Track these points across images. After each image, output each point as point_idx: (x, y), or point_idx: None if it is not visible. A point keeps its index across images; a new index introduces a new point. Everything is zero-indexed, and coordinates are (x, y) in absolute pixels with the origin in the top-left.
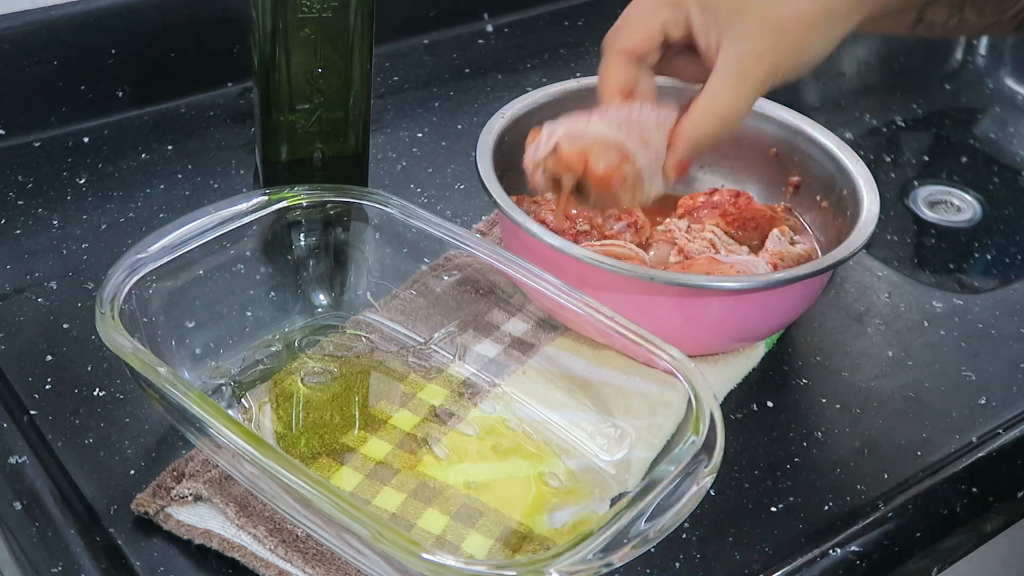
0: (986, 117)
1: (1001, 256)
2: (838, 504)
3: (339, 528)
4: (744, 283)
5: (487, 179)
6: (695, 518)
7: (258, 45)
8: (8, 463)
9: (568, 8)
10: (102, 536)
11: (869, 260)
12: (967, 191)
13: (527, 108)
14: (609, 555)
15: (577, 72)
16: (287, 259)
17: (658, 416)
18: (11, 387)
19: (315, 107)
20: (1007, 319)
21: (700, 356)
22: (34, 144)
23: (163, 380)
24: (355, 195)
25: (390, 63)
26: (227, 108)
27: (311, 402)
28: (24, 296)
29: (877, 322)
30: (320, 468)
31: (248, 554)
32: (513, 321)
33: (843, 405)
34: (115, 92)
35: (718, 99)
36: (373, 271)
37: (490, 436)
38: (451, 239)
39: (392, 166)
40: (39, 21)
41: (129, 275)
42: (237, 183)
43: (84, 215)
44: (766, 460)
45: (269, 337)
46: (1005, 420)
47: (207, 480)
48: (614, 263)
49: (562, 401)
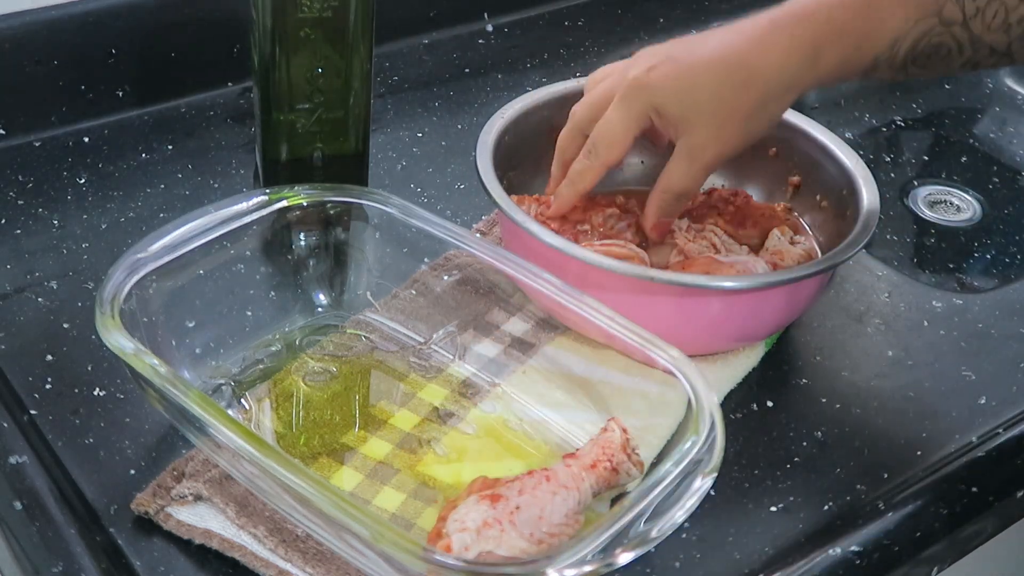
0: (986, 117)
1: (1001, 256)
2: (838, 504)
3: (339, 528)
4: (744, 283)
5: (487, 179)
6: (695, 518)
7: (258, 45)
8: (8, 463)
9: (568, 8)
10: (102, 536)
11: (869, 260)
12: (967, 191)
13: (527, 108)
14: (609, 555)
15: (577, 72)
16: (287, 259)
17: (658, 416)
18: (11, 387)
19: (315, 107)
20: (1007, 319)
21: (700, 356)
22: (34, 144)
23: (163, 380)
24: (355, 195)
25: (390, 63)
26: (227, 108)
27: (311, 402)
28: (24, 296)
29: (877, 322)
30: (320, 468)
31: (248, 554)
32: (513, 321)
33: (843, 405)
34: (115, 92)
35: (675, 178)
36: (373, 271)
37: (490, 436)
38: (451, 239)
39: (392, 166)
40: (39, 21)
41: (129, 275)
42: (237, 183)
43: (84, 215)
44: (766, 460)
45: (269, 337)
46: (1005, 420)
47: (207, 480)
48: (614, 263)
49: (562, 401)
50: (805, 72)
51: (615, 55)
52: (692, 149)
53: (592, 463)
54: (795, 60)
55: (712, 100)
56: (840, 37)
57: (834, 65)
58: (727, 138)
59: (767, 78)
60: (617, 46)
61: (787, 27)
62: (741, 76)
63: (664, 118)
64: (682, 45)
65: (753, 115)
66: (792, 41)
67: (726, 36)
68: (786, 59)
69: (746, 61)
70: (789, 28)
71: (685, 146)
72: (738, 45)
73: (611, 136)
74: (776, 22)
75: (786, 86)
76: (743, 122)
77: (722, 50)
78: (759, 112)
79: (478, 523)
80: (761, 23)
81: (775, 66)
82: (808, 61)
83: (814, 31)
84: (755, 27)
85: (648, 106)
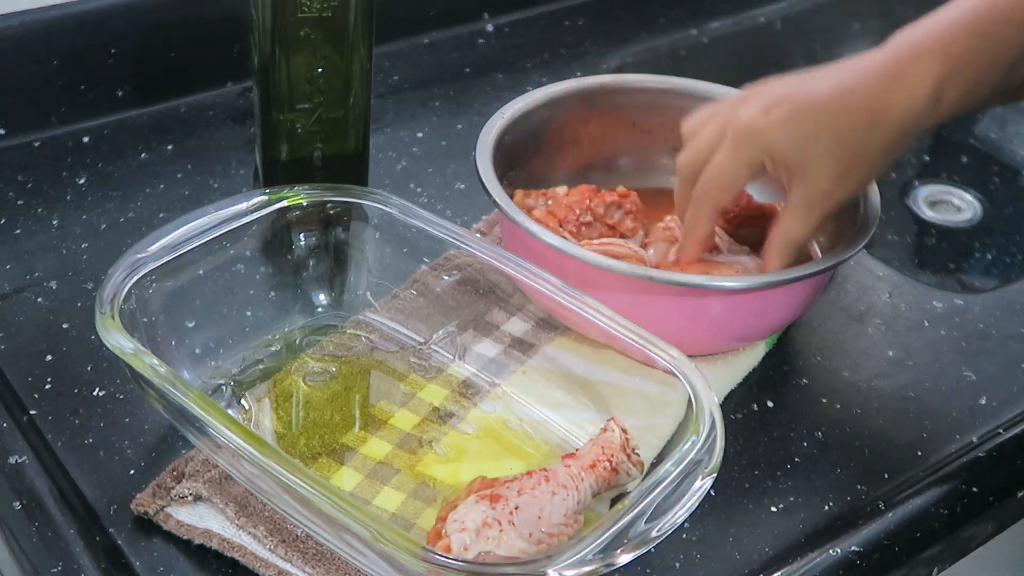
0: (986, 117)
1: (1001, 256)
2: (838, 504)
3: (339, 528)
4: (744, 283)
5: (487, 179)
6: (695, 518)
7: (258, 45)
8: (8, 463)
9: (568, 8)
10: (102, 536)
11: (869, 260)
12: (967, 191)
13: (527, 108)
14: (609, 555)
15: (577, 72)
16: (287, 259)
17: (658, 416)
18: (11, 387)
19: (315, 107)
20: (1007, 319)
21: (700, 356)
22: (34, 144)
23: (163, 380)
24: (355, 195)
25: (390, 63)
26: (227, 108)
27: (311, 402)
28: (24, 296)
29: (877, 322)
30: (320, 468)
31: (248, 554)
32: (513, 321)
33: (843, 405)
34: (115, 92)
35: (793, 229)
36: (373, 271)
37: (490, 436)
38: (451, 239)
39: (392, 166)
40: (39, 21)
41: (129, 275)
42: (237, 183)
43: (84, 215)
44: (766, 460)
45: (269, 337)
46: (1005, 420)
47: (207, 480)
48: (614, 263)
49: (562, 401)
50: (929, 112)
51: (615, 55)
52: (811, 197)
53: (592, 463)
54: (919, 102)
55: (835, 147)
56: (962, 73)
57: (956, 101)
58: (849, 185)
59: (892, 122)
60: (617, 46)
61: (907, 64)
62: (865, 121)
63: (780, 164)
64: (795, 85)
65: (878, 161)
66: (915, 81)
67: (842, 76)
68: (910, 102)
69: (869, 104)
70: (909, 65)
71: (803, 194)
72: (858, 87)
73: (721, 182)
74: (895, 60)
75: (910, 128)
76: (867, 169)
77: (842, 92)
78: (884, 157)
79: (477, 523)
80: (879, 61)
81: (900, 109)
82: (932, 102)
83: (936, 70)
84: (874, 65)
85: (763, 152)
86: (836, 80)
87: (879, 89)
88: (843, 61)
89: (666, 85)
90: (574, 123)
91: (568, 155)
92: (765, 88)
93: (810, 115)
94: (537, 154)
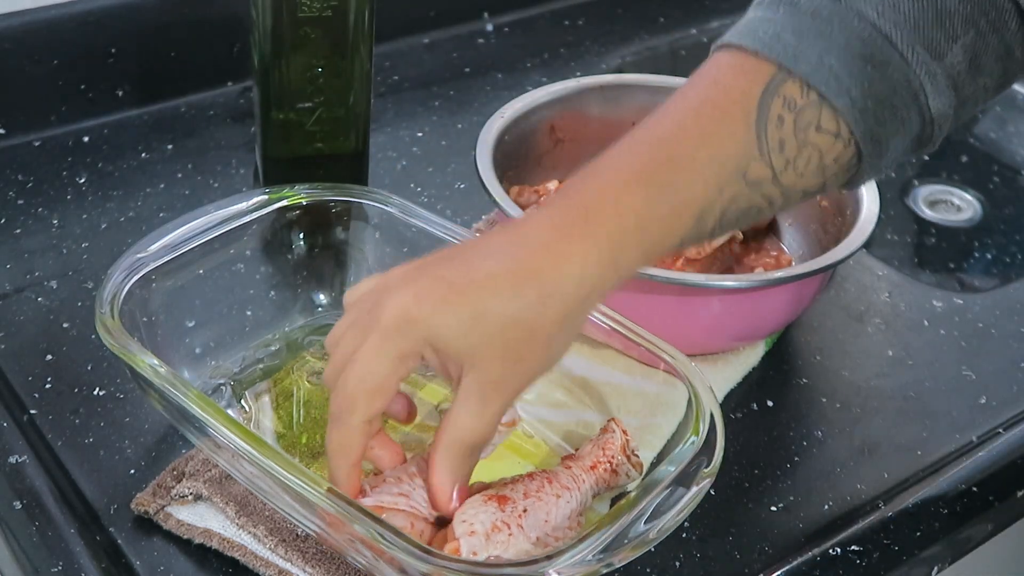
0: (986, 117)
1: (1001, 256)
2: (838, 504)
3: (339, 528)
4: (744, 283)
5: (487, 178)
6: (695, 518)
7: (258, 44)
8: (8, 463)
9: (568, 8)
10: (102, 535)
11: (869, 260)
12: (967, 191)
13: (527, 108)
14: (609, 555)
15: (577, 72)
16: (287, 258)
17: (658, 416)
18: (11, 387)
19: (315, 106)
20: (1007, 319)
21: (700, 356)
22: (34, 144)
23: (163, 380)
24: (355, 194)
25: (390, 63)
26: (227, 108)
27: (311, 401)
28: (24, 296)
29: (877, 321)
30: (320, 468)
31: (248, 553)
32: None
33: (843, 405)
34: (115, 92)
35: (466, 426)
36: (373, 270)
37: None
38: (451, 238)
39: (392, 165)
40: (39, 21)
41: (129, 275)
42: (237, 182)
43: (84, 214)
44: (766, 460)
45: (269, 336)
46: (1005, 420)
47: (207, 479)
48: None
49: (562, 401)
50: (607, 275)
51: (615, 55)
52: (484, 388)
53: (592, 464)
54: (593, 266)
55: (505, 328)
56: (639, 230)
57: (637, 260)
58: (528, 368)
59: (565, 292)
60: (617, 46)
61: (577, 227)
62: (534, 294)
63: (444, 354)
64: (451, 261)
65: (557, 335)
66: (587, 245)
67: (507, 246)
68: (583, 267)
69: (538, 274)
70: (580, 228)
71: (476, 384)
72: (525, 257)
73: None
74: (564, 223)
75: (587, 296)
76: (545, 347)
77: (507, 264)
78: (561, 331)
79: (487, 526)
80: (545, 224)
81: (573, 277)
82: (609, 264)
83: (608, 229)
84: (540, 230)
85: (421, 343)
86: (501, 251)
87: (549, 257)
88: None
89: (666, 85)
90: (574, 123)
91: (568, 155)
92: (411, 268)
93: (475, 295)
94: (537, 153)
